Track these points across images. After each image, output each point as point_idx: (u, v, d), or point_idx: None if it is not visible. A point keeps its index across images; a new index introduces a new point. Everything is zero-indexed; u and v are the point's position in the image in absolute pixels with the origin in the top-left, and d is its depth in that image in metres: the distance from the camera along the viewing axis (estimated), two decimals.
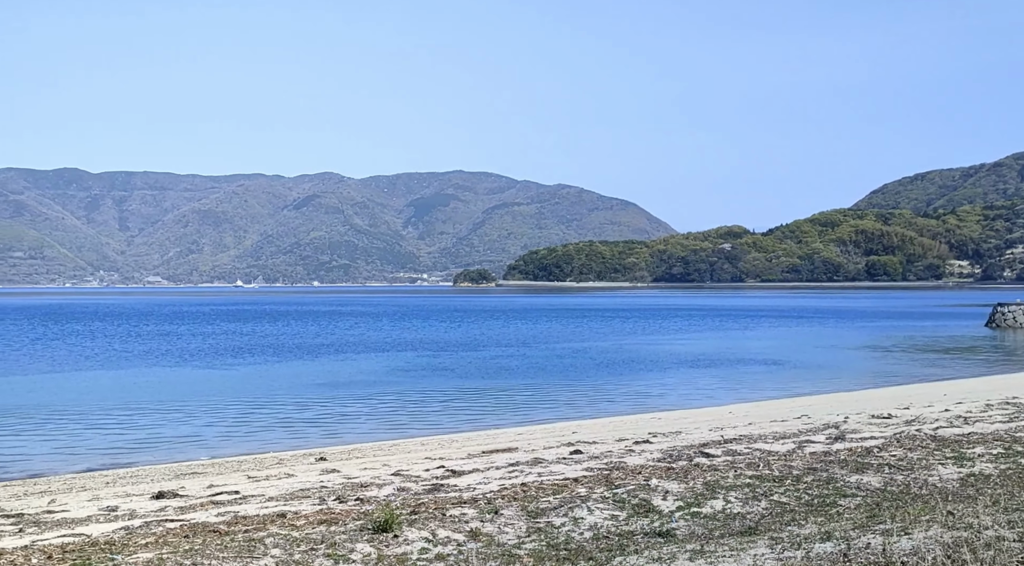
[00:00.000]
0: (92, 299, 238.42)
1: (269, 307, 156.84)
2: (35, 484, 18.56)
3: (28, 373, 44.97)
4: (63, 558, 9.56)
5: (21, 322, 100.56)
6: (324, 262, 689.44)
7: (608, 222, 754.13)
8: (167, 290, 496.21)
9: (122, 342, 67.13)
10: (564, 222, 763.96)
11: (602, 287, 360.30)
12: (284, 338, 71.66)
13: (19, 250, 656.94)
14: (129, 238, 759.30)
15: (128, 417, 29.83)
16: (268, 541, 10.02)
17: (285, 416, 30.07)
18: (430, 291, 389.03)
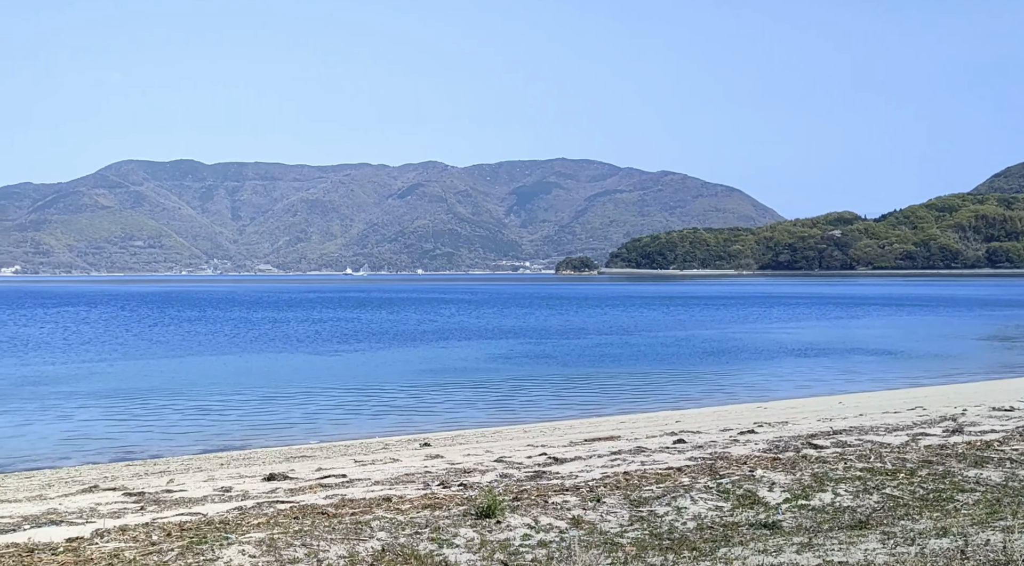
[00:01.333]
0: (206, 286, 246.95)
1: (375, 295, 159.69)
2: (155, 464, 19.33)
3: (147, 358, 46.85)
4: (181, 535, 9.92)
5: (141, 308, 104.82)
6: (428, 250, 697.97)
7: (712, 209, 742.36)
8: (278, 278, 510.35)
9: (234, 328, 69.32)
10: (667, 209, 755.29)
11: (706, 275, 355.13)
12: (389, 325, 72.86)
13: (139, 239, 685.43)
14: (241, 227, 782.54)
15: (241, 401, 30.79)
16: (374, 524, 10.20)
17: (390, 402, 30.57)
18: (532, 279, 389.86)
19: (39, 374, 39.20)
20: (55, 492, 15.10)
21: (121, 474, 17.71)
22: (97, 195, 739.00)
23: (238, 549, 9.14)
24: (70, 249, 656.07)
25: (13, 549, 9.51)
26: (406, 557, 8.85)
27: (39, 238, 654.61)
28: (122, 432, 24.87)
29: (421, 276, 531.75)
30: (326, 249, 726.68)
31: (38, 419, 27.08)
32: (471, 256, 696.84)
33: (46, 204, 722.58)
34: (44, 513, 12.12)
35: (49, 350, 51.10)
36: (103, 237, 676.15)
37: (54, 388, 34.26)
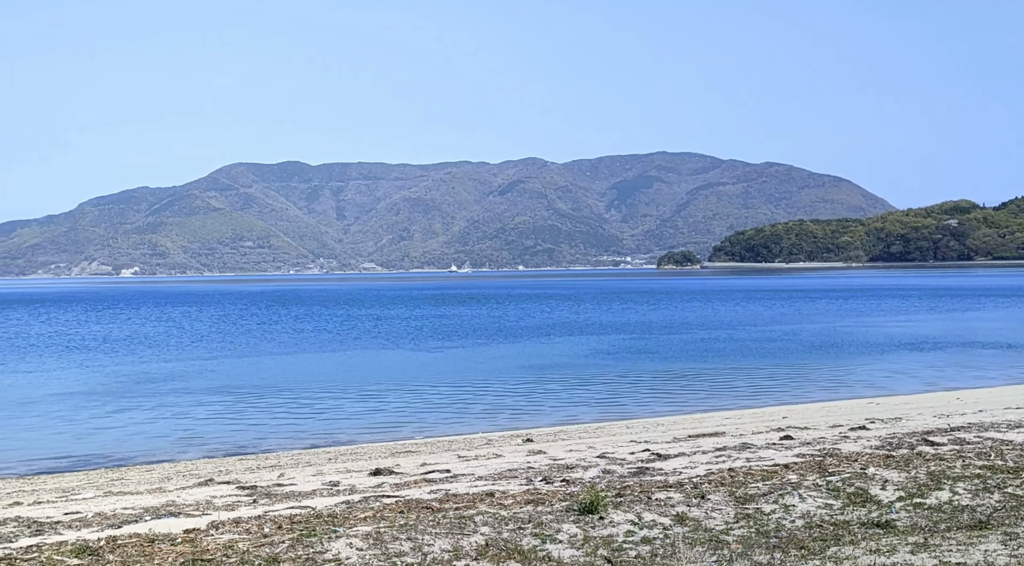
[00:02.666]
0: (313, 285, 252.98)
1: (476, 291, 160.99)
2: (266, 459, 19.89)
3: (257, 355, 48.25)
4: (291, 528, 10.18)
5: (251, 307, 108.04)
6: (528, 246, 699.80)
7: (819, 200, 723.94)
8: (382, 276, 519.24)
9: (340, 326, 70.81)
10: (772, 201, 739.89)
11: (813, 268, 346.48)
12: (490, 321, 73.35)
13: (249, 239, 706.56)
14: (346, 226, 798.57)
15: (347, 397, 31.44)
16: (478, 519, 10.27)
17: (493, 398, 30.77)
18: (633, 274, 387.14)
19: (156, 371, 40.80)
20: (173, 485, 15.68)
21: (234, 468, 18.28)
22: (209, 197, 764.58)
23: (346, 542, 9.32)
24: (184, 250, 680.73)
25: (135, 539, 9.92)
26: (509, 552, 8.89)
27: (156, 240, 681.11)
28: (235, 427, 25.69)
29: (522, 272, 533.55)
30: (428, 247, 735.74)
31: (156, 415, 28.18)
32: (572, 252, 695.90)
33: (162, 207, 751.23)
34: (163, 505, 12.60)
35: (165, 348, 53.13)
36: (215, 238, 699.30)
37: (170, 385, 35.61)
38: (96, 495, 14.71)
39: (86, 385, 36.04)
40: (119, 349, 52.92)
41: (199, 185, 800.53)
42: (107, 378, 38.48)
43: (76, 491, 15.63)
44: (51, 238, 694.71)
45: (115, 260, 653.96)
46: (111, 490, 15.48)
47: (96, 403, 30.72)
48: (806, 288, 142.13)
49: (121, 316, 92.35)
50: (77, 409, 29.51)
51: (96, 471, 19.45)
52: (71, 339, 61.21)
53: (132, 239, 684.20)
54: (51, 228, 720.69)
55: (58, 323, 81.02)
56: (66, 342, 58.55)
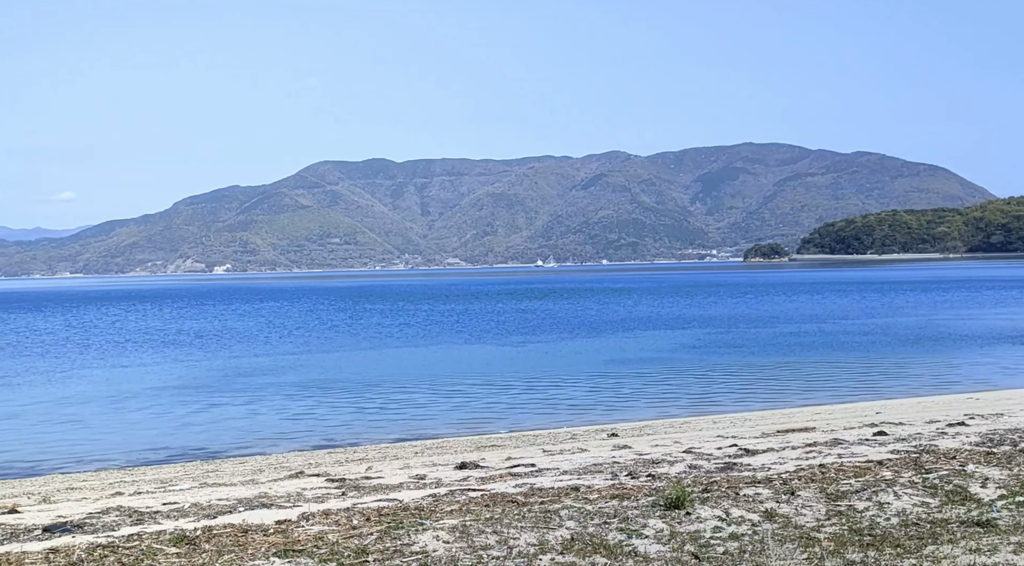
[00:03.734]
0: (398, 281, 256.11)
1: (560, 285, 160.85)
2: (354, 452, 20.21)
3: (344, 350, 49.07)
4: (379, 520, 10.32)
5: (338, 302, 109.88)
6: (612, 240, 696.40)
7: (914, 189, 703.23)
8: (466, 271, 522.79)
9: (425, 320, 71.54)
10: (863, 191, 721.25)
11: (908, 259, 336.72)
12: (574, 315, 73.21)
13: (336, 236, 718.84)
14: (430, 222, 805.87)
15: (432, 391, 31.75)
16: (563, 513, 10.26)
17: (578, 392, 30.72)
18: (719, 267, 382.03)
19: (248, 366, 41.82)
20: (265, 477, 16.05)
21: (324, 461, 18.62)
22: (297, 195, 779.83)
23: (432, 535, 9.41)
24: (273, 247, 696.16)
25: (229, 529, 10.18)
26: (595, 546, 8.86)
27: (246, 238, 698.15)
28: (324, 421, 26.17)
29: (606, 266, 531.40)
30: (512, 242, 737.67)
31: (248, 409, 28.89)
32: (656, 245, 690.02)
33: (252, 205, 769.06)
34: (256, 496, 12.90)
35: (256, 343, 54.43)
36: (303, 235, 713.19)
37: (261, 379, 36.46)
38: (192, 486, 15.15)
39: (181, 379, 37.16)
40: (212, 344, 54.43)
41: (287, 183, 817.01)
42: (201, 373, 39.61)
43: (173, 482, 16.13)
44: (147, 237, 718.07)
45: (208, 257, 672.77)
46: (206, 481, 15.93)
47: (191, 397, 31.65)
48: (900, 280, 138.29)
49: (213, 312, 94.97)
50: (173, 403, 30.44)
51: (192, 463, 20.03)
52: (166, 334, 63.19)
53: (224, 237, 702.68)
54: (147, 227, 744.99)
55: (154, 319, 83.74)
56: (162, 337, 60.46)
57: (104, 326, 74.59)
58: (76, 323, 79.80)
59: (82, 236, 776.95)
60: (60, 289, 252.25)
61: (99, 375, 39.51)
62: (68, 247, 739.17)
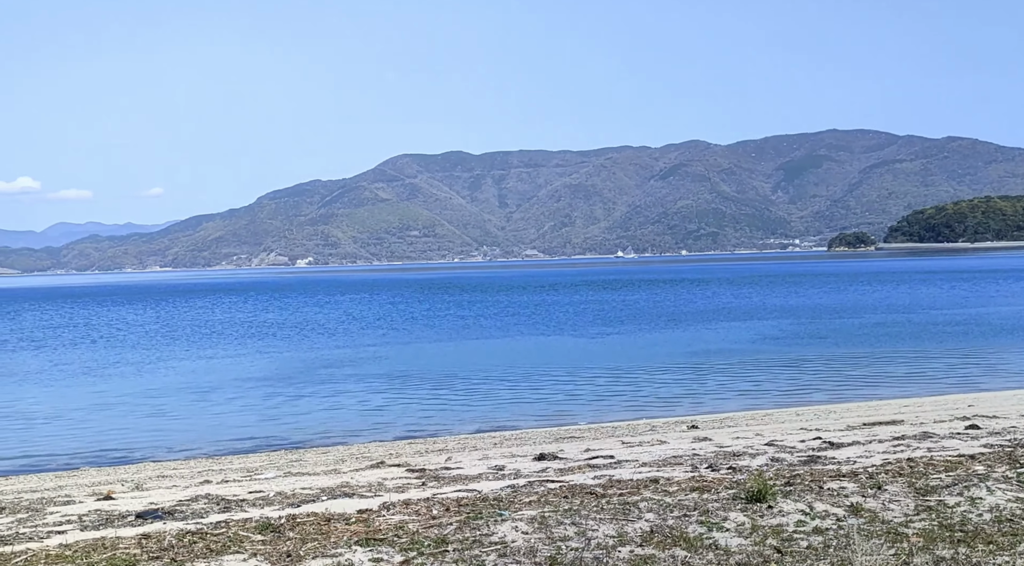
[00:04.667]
0: (477, 272, 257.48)
1: (638, 276, 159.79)
2: (434, 443, 20.40)
3: (423, 341, 49.52)
4: (459, 511, 10.40)
5: (418, 294, 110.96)
6: (692, 231, 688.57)
7: (1009, 175, 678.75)
8: (544, 262, 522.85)
9: (502, 312, 71.77)
10: (954, 178, 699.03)
11: (1003, 247, 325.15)
12: (652, 306, 72.64)
13: (415, 229, 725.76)
14: (508, 214, 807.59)
15: (510, 382, 31.85)
16: (642, 505, 10.19)
17: (657, 383, 30.49)
18: (802, 257, 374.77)
19: (329, 357, 42.52)
20: (347, 467, 16.30)
21: (404, 451, 18.83)
22: (376, 189, 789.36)
23: (511, 525, 9.44)
24: (354, 240, 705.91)
25: (313, 518, 10.38)
26: (675, 539, 8.78)
27: (327, 231, 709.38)
28: (404, 412, 26.47)
29: (685, 257, 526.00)
30: (590, 233, 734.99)
31: (330, 399, 29.38)
32: (736, 235, 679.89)
33: (333, 199, 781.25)
34: (338, 486, 13.12)
35: (337, 335, 55.30)
36: (382, 228, 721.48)
37: (342, 370, 37.04)
38: (277, 475, 15.47)
39: (265, 370, 37.98)
40: (294, 336, 55.49)
41: (367, 177, 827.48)
42: (284, 364, 40.42)
43: (259, 471, 16.50)
44: (233, 231, 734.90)
45: (291, 251, 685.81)
46: (290, 471, 16.25)
47: (274, 388, 32.32)
48: (994, 269, 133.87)
49: (295, 304, 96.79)
50: (257, 393, 31.13)
51: (277, 452, 20.46)
52: (250, 327, 64.63)
53: (306, 230, 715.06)
54: (232, 221, 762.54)
55: (239, 311, 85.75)
56: (246, 330, 61.86)
57: (191, 318, 76.68)
58: (165, 316, 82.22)
59: (170, 231, 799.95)
60: (150, 283, 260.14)
61: (186, 366, 40.63)
62: (157, 242, 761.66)
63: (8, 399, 31.78)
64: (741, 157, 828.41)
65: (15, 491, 15.76)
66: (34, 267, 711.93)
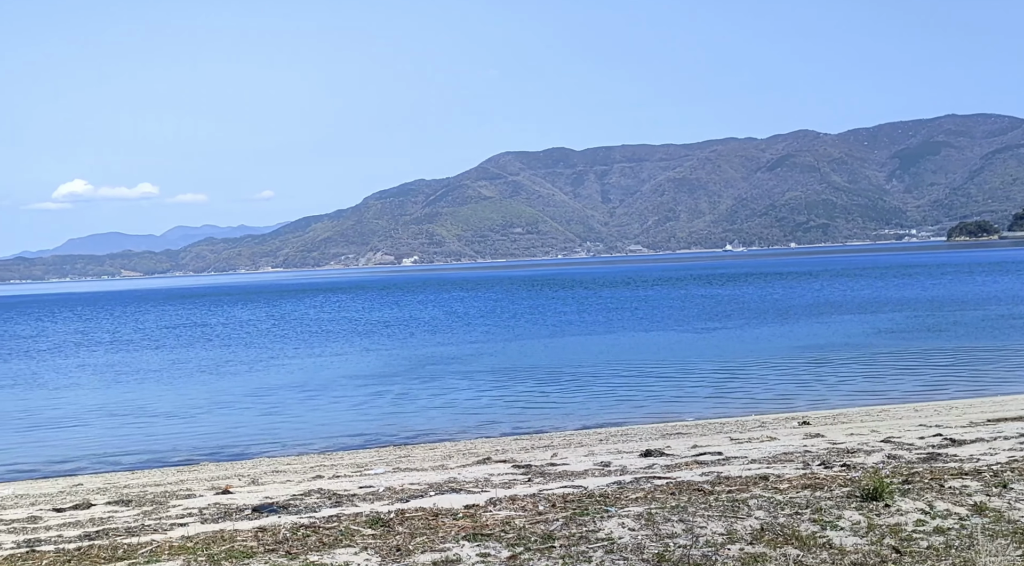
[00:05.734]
0: (580, 268, 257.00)
1: (746, 270, 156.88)
2: (540, 439, 20.44)
3: (526, 338, 49.66)
4: (565, 507, 10.39)
5: (521, 291, 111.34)
6: (801, 223, 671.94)
7: None
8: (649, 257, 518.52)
9: (606, 307, 71.42)
10: None
11: None
12: (761, 300, 71.22)
13: (518, 226, 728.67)
14: (611, 209, 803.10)
15: (614, 378, 31.67)
16: (751, 502, 10.00)
17: (766, 379, 29.88)
18: (919, 247, 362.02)
19: (434, 354, 43.06)
20: (454, 463, 16.47)
21: (510, 447, 18.92)
22: (479, 187, 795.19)
23: (618, 522, 9.38)
24: (458, 238, 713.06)
25: (421, 513, 10.52)
26: (786, 537, 8.58)
27: (432, 230, 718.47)
28: (509, 408, 26.61)
29: (795, 250, 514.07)
30: (695, 227, 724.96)
31: (436, 396, 29.75)
32: (848, 226, 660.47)
33: (437, 198, 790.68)
34: (445, 481, 13.26)
35: (442, 332, 55.94)
36: (486, 226, 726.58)
37: (448, 367, 37.46)
38: (386, 471, 15.74)
39: (373, 368, 38.70)
40: (400, 333, 56.38)
41: (470, 176, 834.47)
42: (391, 361, 41.11)
43: (368, 467, 16.81)
44: (340, 231, 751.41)
45: (397, 250, 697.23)
46: (399, 466, 16.51)
47: (382, 385, 32.90)
48: None
49: (402, 302, 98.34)
50: (366, 390, 31.74)
51: (385, 448, 20.82)
52: (358, 325, 65.97)
53: (411, 229, 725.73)
54: (340, 222, 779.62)
55: (347, 310, 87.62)
56: (354, 328, 63.16)
57: (301, 317, 78.73)
58: (276, 315, 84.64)
59: (281, 232, 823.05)
60: (262, 283, 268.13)
61: (297, 364, 41.72)
62: (269, 243, 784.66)
63: (132, 397, 33.23)
64: (853, 146, 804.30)
65: (140, 485, 16.46)
66: (155, 269, 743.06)
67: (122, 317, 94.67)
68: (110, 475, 19.18)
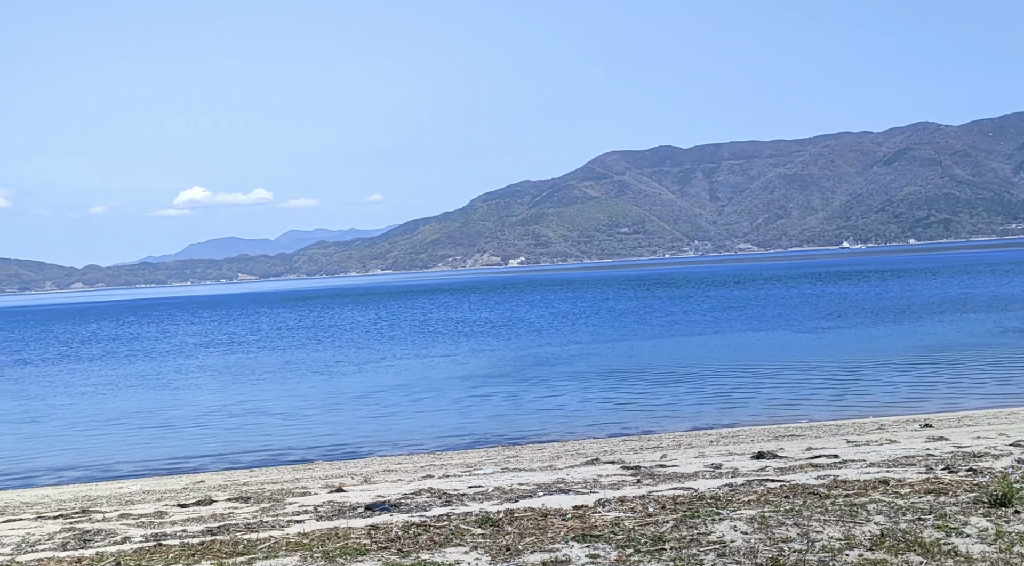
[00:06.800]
0: (687, 268, 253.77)
1: (861, 267, 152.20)
2: (648, 440, 20.25)
3: (635, 337, 49.27)
4: (675, 509, 10.25)
5: (628, 291, 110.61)
6: (920, 218, 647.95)
7: None
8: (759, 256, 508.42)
9: (713, 306, 70.29)
10: None
11: None
12: (876, 298, 68.97)
13: (624, 226, 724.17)
14: (719, 208, 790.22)
15: (725, 378, 31.15)
16: (870, 507, 9.69)
17: (885, 380, 28.94)
18: None
19: (541, 355, 43.13)
20: (562, 463, 16.45)
21: (618, 448, 18.80)
22: (585, 187, 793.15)
23: (730, 525, 9.20)
24: (564, 239, 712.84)
25: (530, 513, 10.54)
26: (908, 544, 8.26)
27: (538, 230, 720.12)
28: (617, 409, 26.46)
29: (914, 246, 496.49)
30: (807, 224, 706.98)
31: (543, 396, 29.80)
32: (972, 222, 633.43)
33: (542, 199, 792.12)
34: (554, 482, 13.25)
35: (548, 333, 55.98)
36: (592, 226, 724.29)
37: (554, 368, 37.48)
38: (495, 471, 15.82)
39: (480, 368, 39.01)
40: (506, 334, 56.69)
41: (575, 176, 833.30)
42: (497, 362, 41.37)
43: (477, 466, 16.93)
44: (448, 233, 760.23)
45: (503, 251, 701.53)
46: (507, 466, 16.58)
47: (489, 385, 33.13)
48: None
49: (508, 303, 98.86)
50: (474, 391, 32.01)
51: (494, 448, 20.96)
52: (464, 325, 66.62)
53: (517, 231, 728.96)
54: (447, 224, 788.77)
55: (454, 310, 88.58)
56: (461, 328, 63.80)
57: (410, 318, 79.96)
58: (386, 316, 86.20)
59: (390, 235, 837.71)
60: (372, 284, 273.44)
61: (406, 365, 42.38)
62: (378, 246, 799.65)
63: (249, 397, 34.32)
64: (976, 137, 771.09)
65: (259, 482, 16.97)
66: (269, 272, 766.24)
67: (238, 319, 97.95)
68: (230, 472, 19.85)
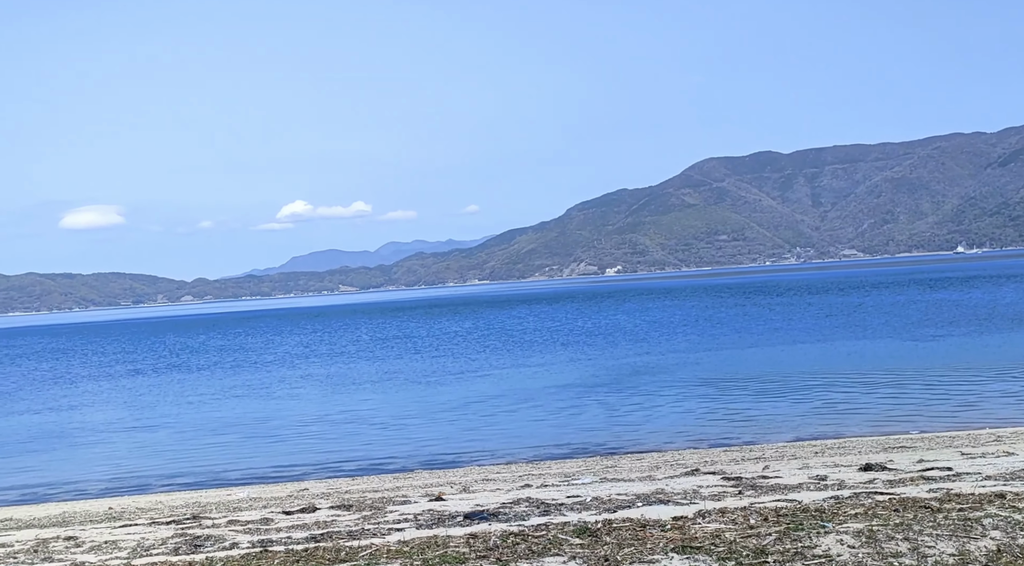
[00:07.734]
0: (789, 275, 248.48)
1: (973, 272, 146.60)
2: (750, 451, 19.87)
3: (736, 347, 48.45)
4: (777, 521, 10.02)
5: (726, 299, 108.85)
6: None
7: None
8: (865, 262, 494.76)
9: (819, 313, 68.57)
10: None
11: None
12: (991, 305, 66.26)
13: (723, 233, 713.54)
14: (822, 213, 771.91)
15: (832, 389, 30.37)
16: (986, 522, 9.29)
17: (1001, 390, 27.81)
18: None
19: (639, 364, 42.79)
20: (661, 474, 16.27)
21: (719, 459, 18.49)
22: (683, 194, 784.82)
23: (835, 538, 8.95)
24: (661, 247, 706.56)
25: (629, 523, 10.45)
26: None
27: (635, 239, 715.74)
28: (718, 419, 26.06)
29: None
30: (916, 229, 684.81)
31: (642, 406, 29.55)
32: None
33: (639, 207, 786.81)
34: (653, 492, 13.11)
35: (646, 341, 55.52)
36: (690, 234, 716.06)
37: (652, 377, 37.16)
38: (593, 480, 15.74)
39: (577, 377, 38.93)
40: (603, 342, 56.42)
41: (673, 183, 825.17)
42: (595, 371, 41.21)
43: (575, 476, 16.87)
44: (544, 243, 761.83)
45: (600, 260, 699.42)
46: (606, 476, 16.48)
47: (587, 395, 33.02)
48: None
49: (605, 312, 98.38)
50: (571, 400, 31.94)
51: (592, 458, 20.87)
52: (561, 334, 66.59)
53: (614, 239, 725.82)
54: (543, 234, 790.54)
55: (551, 320, 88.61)
56: (557, 337, 63.78)
57: (507, 328, 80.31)
58: (483, 326, 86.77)
59: (487, 246, 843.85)
60: (470, 294, 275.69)
61: (503, 374, 42.57)
62: (475, 256, 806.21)
63: (350, 406, 34.96)
64: None
65: (360, 491, 17.26)
66: (369, 284, 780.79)
67: (340, 330, 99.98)
68: (332, 480, 20.25)
